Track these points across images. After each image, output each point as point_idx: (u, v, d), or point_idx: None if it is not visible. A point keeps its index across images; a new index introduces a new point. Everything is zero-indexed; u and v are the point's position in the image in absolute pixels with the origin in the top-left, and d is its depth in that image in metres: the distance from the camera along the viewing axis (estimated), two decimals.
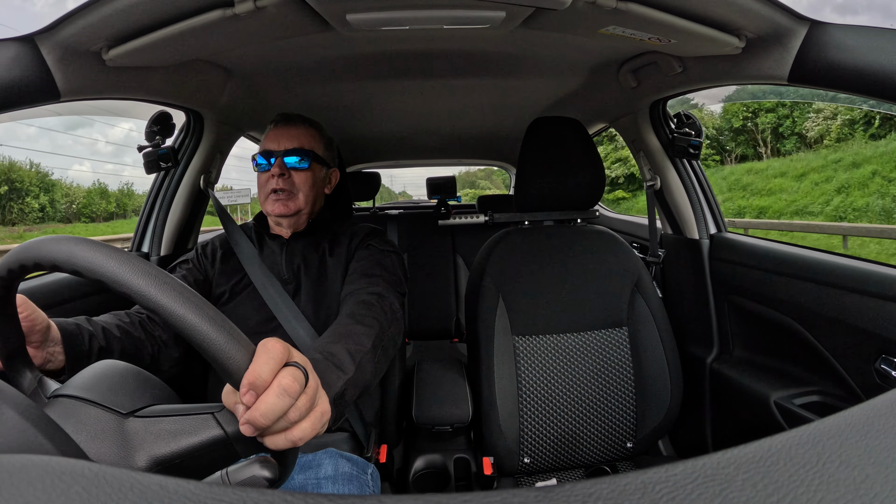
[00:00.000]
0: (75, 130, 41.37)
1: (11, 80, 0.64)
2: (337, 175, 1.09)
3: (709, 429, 1.19)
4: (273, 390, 0.38)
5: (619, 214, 2.21)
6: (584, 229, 1.20)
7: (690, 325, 1.28)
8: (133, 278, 0.35)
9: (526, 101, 1.50)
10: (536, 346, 1.08)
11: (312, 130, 1.01)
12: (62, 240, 0.37)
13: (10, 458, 0.20)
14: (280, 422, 0.39)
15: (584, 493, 0.19)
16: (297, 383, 0.39)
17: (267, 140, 0.98)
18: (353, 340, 0.65)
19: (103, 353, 0.69)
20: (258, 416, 0.37)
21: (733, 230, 1.33)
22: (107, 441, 0.39)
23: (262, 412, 0.37)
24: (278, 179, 0.94)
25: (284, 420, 0.39)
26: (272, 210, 0.96)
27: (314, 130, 1.01)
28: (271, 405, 0.37)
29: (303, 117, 1.02)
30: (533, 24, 0.83)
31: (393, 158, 2.65)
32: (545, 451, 1.06)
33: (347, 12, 0.75)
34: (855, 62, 0.63)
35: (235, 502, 0.18)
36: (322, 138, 1.03)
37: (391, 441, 1.09)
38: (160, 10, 0.68)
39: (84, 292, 1.00)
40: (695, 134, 1.21)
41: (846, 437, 0.22)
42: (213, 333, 0.36)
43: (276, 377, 0.38)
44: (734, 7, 0.69)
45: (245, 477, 0.41)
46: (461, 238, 2.37)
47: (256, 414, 0.37)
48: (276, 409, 0.37)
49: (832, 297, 0.90)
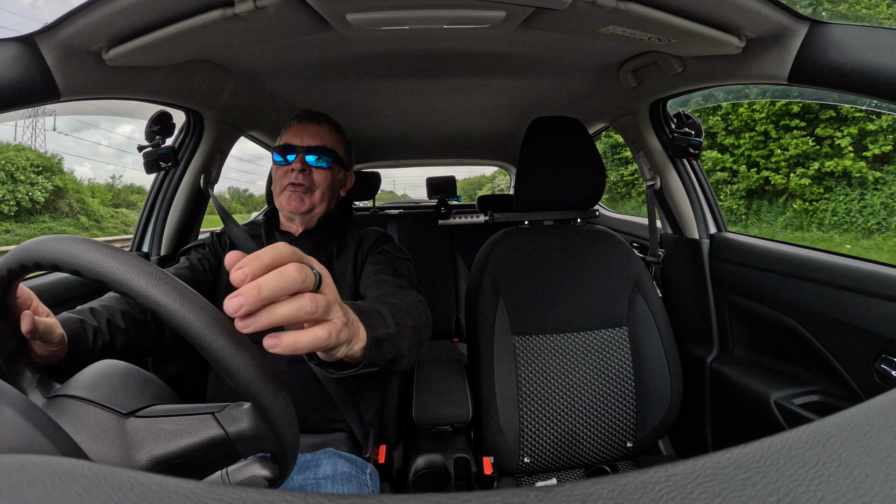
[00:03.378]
0: (80, 132, 41.58)
1: (11, 79, 0.64)
2: (352, 179, 1.10)
3: (709, 429, 1.19)
4: (273, 273, 0.32)
5: (620, 214, 2.21)
6: (584, 229, 1.20)
7: (690, 324, 1.28)
8: (133, 278, 0.35)
9: (526, 101, 1.50)
10: (536, 346, 1.08)
11: (335, 132, 1.01)
12: (63, 239, 0.37)
13: (10, 458, 0.20)
14: (288, 304, 0.32)
15: (584, 493, 0.19)
16: (302, 271, 0.33)
17: (289, 134, 0.98)
18: (399, 310, 0.62)
19: (106, 349, 0.68)
20: (251, 286, 0.30)
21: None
22: (107, 441, 0.39)
23: (257, 284, 0.31)
24: (298, 174, 0.94)
25: (295, 303, 0.32)
26: (287, 205, 0.96)
27: (337, 132, 1.01)
28: (269, 279, 0.31)
29: (327, 117, 1.02)
30: (533, 24, 0.83)
31: (393, 158, 2.64)
32: (545, 451, 1.06)
33: (347, 12, 0.75)
34: (855, 62, 0.63)
35: (235, 502, 0.18)
36: (343, 140, 1.03)
37: (391, 441, 1.09)
38: (160, 10, 0.68)
39: (84, 292, 1.00)
40: (695, 134, 1.21)
41: (846, 437, 0.22)
42: (211, 336, 0.36)
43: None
44: (734, 7, 0.69)
45: (245, 477, 0.41)
46: (461, 238, 2.37)
47: (250, 286, 0.30)
48: (275, 283, 0.31)
49: (832, 297, 0.90)
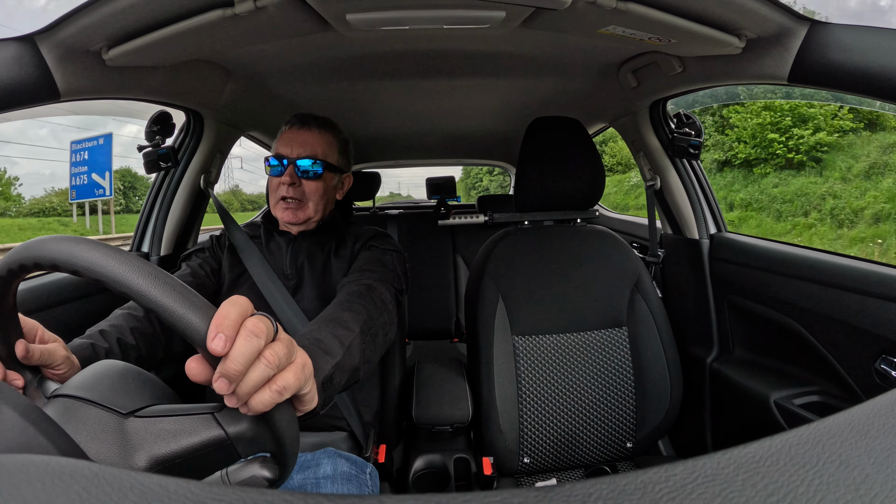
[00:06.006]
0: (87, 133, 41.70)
1: (11, 80, 0.64)
2: (350, 180, 1.08)
3: (709, 429, 1.19)
4: (241, 335, 0.36)
5: (619, 214, 2.22)
6: (584, 229, 1.20)
7: (690, 324, 1.28)
8: (133, 278, 0.35)
9: (526, 101, 1.50)
10: (536, 346, 1.08)
11: (328, 135, 0.98)
12: (62, 240, 0.37)
13: (10, 458, 0.20)
14: (258, 368, 0.37)
15: (584, 493, 0.19)
16: (262, 324, 0.38)
17: (280, 142, 0.96)
18: (341, 325, 0.64)
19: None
20: (229, 362, 0.35)
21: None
22: (107, 441, 0.39)
23: (231, 356, 0.36)
24: (289, 188, 0.93)
25: (263, 363, 0.37)
26: (282, 217, 0.96)
27: (330, 135, 0.98)
28: (240, 347, 0.36)
29: (319, 120, 0.98)
30: (533, 24, 0.83)
31: (393, 158, 2.65)
32: (545, 451, 1.06)
33: (347, 12, 0.75)
34: (855, 62, 0.63)
35: (235, 502, 0.18)
36: (337, 142, 1.00)
37: (391, 441, 1.09)
38: (160, 10, 0.68)
39: (84, 292, 1.00)
40: (695, 134, 1.21)
41: (846, 437, 0.22)
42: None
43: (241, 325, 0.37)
44: (734, 7, 0.69)
45: (245, 477, 0.41)
46: (461, 238, 2.37)
47: (227, 362, 0.35)
48: (245, 350, 0.36)
49: (832, 297, 0.90)
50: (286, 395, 0.39)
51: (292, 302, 0.90)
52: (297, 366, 0.41)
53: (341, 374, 0.58)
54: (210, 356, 0.36)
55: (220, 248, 1.01)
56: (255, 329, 0.37)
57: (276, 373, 0.39)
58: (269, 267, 0.94)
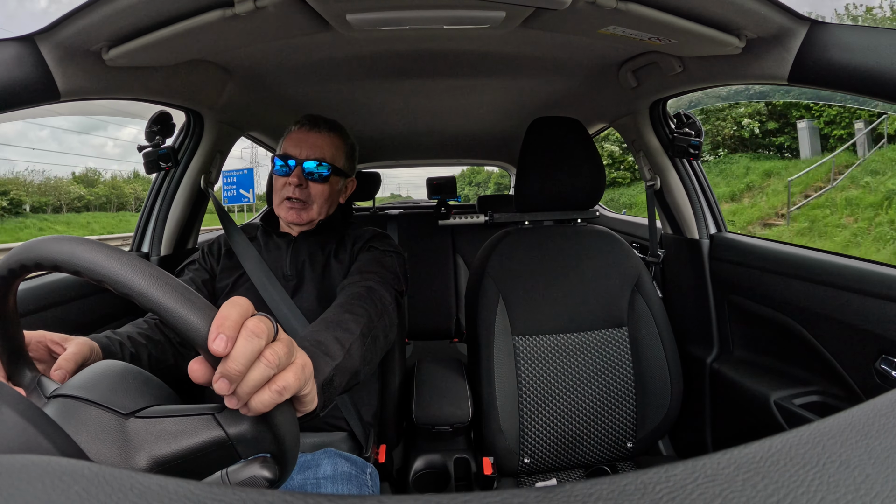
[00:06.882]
0: (87, 133, 41.91)
1: (11, 80, 0.64)
2: (354, 184, 1.08)
3: (709, 429, 1.19)
4: (242, 336, 0.36)
5: (619, 214, 2.22)
6: (585, 229, 1.20)
7: (690, 325, 1.28)
8: (135, 279, 0.35)
9: (526, 101, 1.50)
10: (536, 346, 1.08)
11: (337, 139, 0.98)
12: (63, 240, 0.37)
13: (10, 458, 0.20)
14: (258, 368, 0.37)
15: (584, 493, 0.19)
16: (263, 324, 0.38)
17: (289, 142, 0.96)
18: (341, 328, 0.65)
19: (135, 362, 0.71)
20: (230, 363, 0.35)
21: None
22: (107, 441, 0.39)
23: (232, 357, 0.36)
24: (295, 189, 0.93)
25: (263, 363, 0.37)
26: (285, 216, 0.96)
27: (339, 139, 0.98)
28: (241, 347, 0.36)
29: (329, 123, 0.98)
30: (533, 24, 0.83)
31: (393, 158, 2.65)
32: (545, 451, 1.06)
33: (347, 12, 0.75)
34: (855, 62, 0.63)
35: (235, 502, 0.18)
36: (345, 146, 1.00)
37: (391, 441, 1.09)
38: (160, 10, 0.68)
39: (84, 292, 1.00)
40: (695, 134, 1.21)
41: (846, 437, 0.22)
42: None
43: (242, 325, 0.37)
44: (734, 7, 0.69)
45: (245, 477, 0.41)
46: (461, 238, 2.37)
47: (228, 362, 0.35)
48: (246, 350, 0.36)
49: (832, 297, 0.89)
50: (286, 396, 0.39)
51: (291, 303, 0.90)
52: (297, 366, 0.41)
53: (341, 376, 0.58)
54: (211, 357, 0.36)
55: (211, 255, 1.00)
56: (256, 329, 0.37)
57: (277, 373, 0.39)
58: (267, 268, 0.94)
